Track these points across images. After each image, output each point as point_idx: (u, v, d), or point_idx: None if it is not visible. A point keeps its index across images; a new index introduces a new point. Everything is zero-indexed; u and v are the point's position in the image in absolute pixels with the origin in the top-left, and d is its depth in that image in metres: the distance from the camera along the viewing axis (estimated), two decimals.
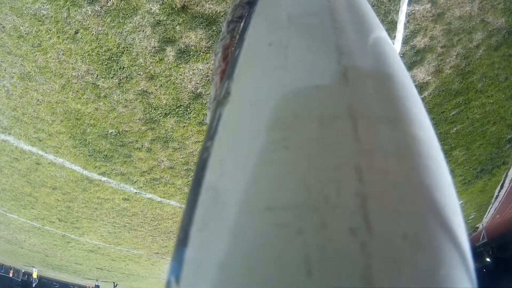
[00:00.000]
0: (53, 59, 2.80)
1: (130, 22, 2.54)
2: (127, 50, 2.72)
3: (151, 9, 2.47)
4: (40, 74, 2.93)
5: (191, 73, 2.91)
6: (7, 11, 2.46)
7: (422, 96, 3.35)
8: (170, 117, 3.31)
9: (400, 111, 0.22)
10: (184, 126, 3.42)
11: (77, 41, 2.66)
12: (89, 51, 2.73)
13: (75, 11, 2.47)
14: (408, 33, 2.80)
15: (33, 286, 12.49)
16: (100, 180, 4.49)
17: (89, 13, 2.49)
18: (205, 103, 3.15)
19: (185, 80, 2.97)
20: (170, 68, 2.86)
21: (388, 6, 2.59)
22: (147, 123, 3.38)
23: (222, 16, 2.55)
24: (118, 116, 3.32)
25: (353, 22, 0.28)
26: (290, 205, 0.18)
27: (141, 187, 4.57)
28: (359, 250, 0.16)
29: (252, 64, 0.28)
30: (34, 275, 12.34)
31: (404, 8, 0.75)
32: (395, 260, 0.16)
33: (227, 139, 0.23)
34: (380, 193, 0.18)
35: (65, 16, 2.50)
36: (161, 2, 2.44)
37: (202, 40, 2.67)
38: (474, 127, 3.83)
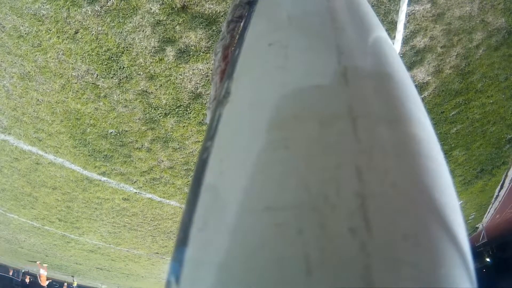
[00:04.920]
0: (53, 59, 2.80)
1: (130, 22, 2.54)
2: (127, 50, 2.72)
3: (151, 9, 2.47)
4: (40, 74, 2.92)
5: (191, 73, 2.91)
6: (7, 11, 2.45)
7: (422, 96, 3.35)
8: (170, 117, 3.31)
9: (400, 111, 0.22)
10: (184, 126, 3.42)
11: (77, 41, 2.66)
12: (89, 51, 2.73)
13: (75, 11, 2.47)
14: (408, 33, 2.80)
15: None
16: (100, 180, 4.48)
17: (89, 13, 2.49)
18: (205, 103, 3.15)
19: (185, 80, 2.97)
20: (170, 68, 2.86)
21: (388, 6, 2.59)
22: (147, 123, 3.38)
23: (222, 16, 2.55)
24: (118, 116, 3.32)
25: (353, 22, 0.28)
26: (290, 205, 0.18)
27: (141, 187, 4.57)
28: (358, 250, 0.16)
29: (252, 64, 0.28)
30: (74, 284, 12.29)
31: (404, 8, 0.75)
32: (395, 260, 0.16)
33: (227, 139, 0.23)
34: (380, 193, 0.18)
35: (65, 16, 2.50)
36: (161, 2, 2.43)
37: (202, 40, 2.66)
38: (474, 127, 3.83)
